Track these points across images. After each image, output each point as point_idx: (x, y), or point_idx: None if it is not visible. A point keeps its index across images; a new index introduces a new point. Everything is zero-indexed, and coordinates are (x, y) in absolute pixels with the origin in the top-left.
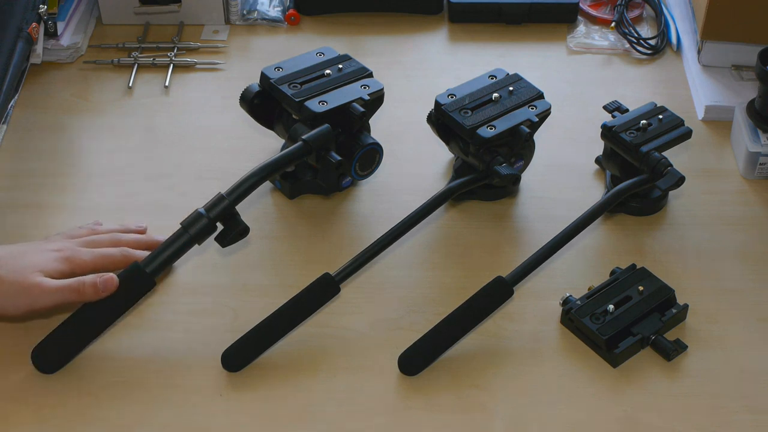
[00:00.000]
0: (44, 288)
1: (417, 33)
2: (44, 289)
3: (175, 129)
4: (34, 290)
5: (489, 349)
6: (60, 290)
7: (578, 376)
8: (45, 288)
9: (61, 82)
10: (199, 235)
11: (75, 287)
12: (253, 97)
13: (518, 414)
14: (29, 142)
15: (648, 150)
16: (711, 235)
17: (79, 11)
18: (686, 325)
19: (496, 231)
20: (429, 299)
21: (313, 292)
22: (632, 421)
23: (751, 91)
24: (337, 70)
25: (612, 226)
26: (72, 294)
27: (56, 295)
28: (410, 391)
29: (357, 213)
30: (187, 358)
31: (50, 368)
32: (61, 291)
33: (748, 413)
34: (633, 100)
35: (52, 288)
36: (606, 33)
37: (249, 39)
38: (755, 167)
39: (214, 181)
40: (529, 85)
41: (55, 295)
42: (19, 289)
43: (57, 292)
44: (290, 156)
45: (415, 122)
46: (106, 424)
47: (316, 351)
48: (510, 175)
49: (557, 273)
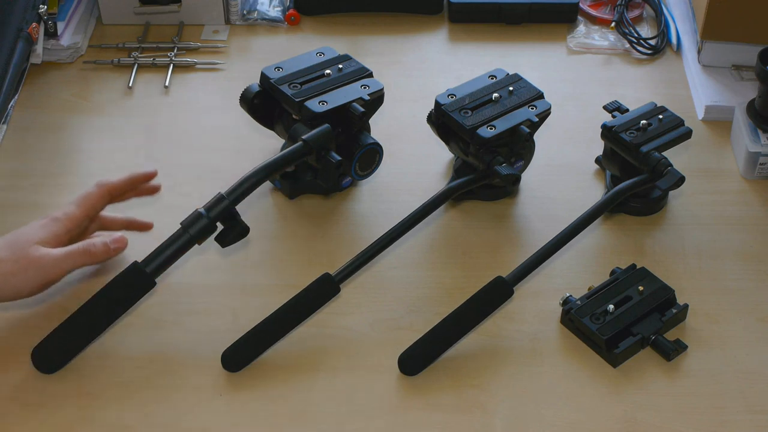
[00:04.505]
0: (53, 257)
1: (417, 33)
2: (53, 259)
3: (175, 129)
4: (43, 261)
5: (489, 349)
6: (70, 255)
7: (578, 376)
8: (54, 257)
9: (61, 82)
10: (199, 235)
11: (84, 249)
12: (253, 97)
13: (518, 414)
14: (29, 142)
15: (648, 150)
16: (711, 235)
17: (79, 11)
18: (686, 325)
19: (496, 231)
20: (429, 299)
21: (313, 292)
22: (632, 421)
23: (751, 91)
24: (337, 70)
25: (612, 226)
26: (83, 257)
27: (67, 261)
28: (410, 391)
29: (357, 213)
30: (187, 358)
31: (50, 368)
32: (71, 256)
33: (748, 413)
34: (633, 100)
35: (61, 256)
36: (606, 33)
37: (249, 39)
38: (755, 167)
39: (214, 181)
40: (529, 85)
41: (66, 262)
42: (27, 265)
43: (67, 257)
44: (290, 156)
45: (415, 122)
46: (106, 424)
47: (316, 351)
48: (510, 175)
49: (557, 273)
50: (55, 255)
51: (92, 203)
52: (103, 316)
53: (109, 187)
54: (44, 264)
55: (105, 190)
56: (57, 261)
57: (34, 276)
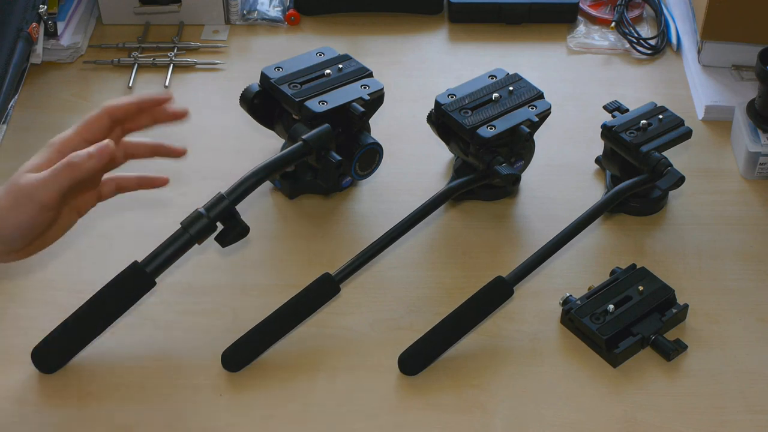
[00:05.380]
0: (38, 180)
1: (417, 33)
2: (38, 181)
3: (175, 129)
4: (30, 187)
5: (489, 349)
6: (53, 173)
7: (578, 376)
8: (39, 179)
9: (61, 82)
10: (199, 235)
11: (66, 162)
12: (253, 97)
13: (518, 414)
14: (29, 142)
15: (648, 150)
16: (711, 235)
17: (79, 11)
18: (686, 325)
19: (496, 231)
20: (429, 299)
21: (313, 292)
22: (632, 421)
23: (751, 91)
24: (337, 70)
25: (612, 226)
26: (67, 170)
27: (52, 180)
28: (410, 391)
29: (357, 213)
30: (187, 358)
31: (50, 368)
32: (55, 174)
33: (748, 413)
34: (633, 100)
35: (45, 176)
36: (606, 33)
37: (249, 39)
38: (755, 167)
39: (214, 181)
40: (529, 85)
41: (52, 181)
42: (17, 195)
43: (51, 177)
44: (290, 156)
45: (415, 122)
46: (106, 424)
47: (316, 351)
48: (510, 175)
49: (557, 273)
50: (39, 177)
51: (89, 124)
52: (103, 316)
53: (110, 108)
54: (31, 189)
55: (104, 111)
56: (43, 183)
57: (26, 204)
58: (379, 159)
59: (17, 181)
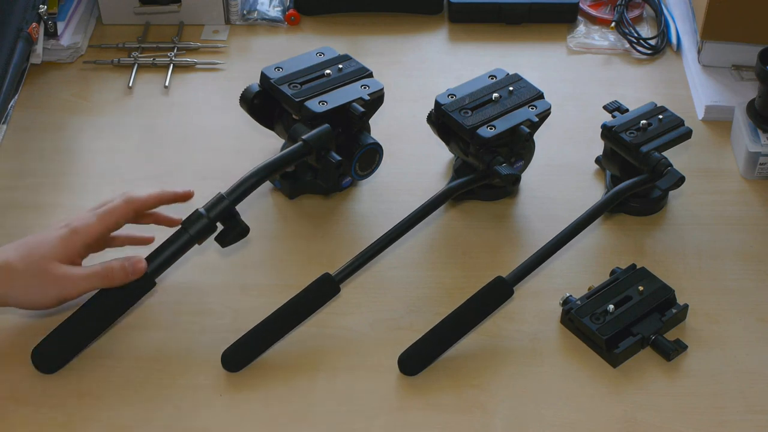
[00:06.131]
0: (72, 278)
1: (417, 33)
2: (72, 279)
3: (175, 129)
4: (62, 281)
5: (489, 349)
6: (88, 278)
7: (578, 376)
8: (73, 278)
9: (61, 82)
10: (199, 235)
11: (103, 274)
12: (253, 97)
13: (518, 414)
14: (29, 142)
15: (648, 150)
16: (711, 235)
17: (79, 11)
18: (686, 325)
19: (496, 231)
20: (429, 299)
21: (313, 292)
22: (632, 421)
23: (751, 91)
24: (337, 70)
25: (612, 226)
26: (101, 281)
27: (85, 283)
28: (410, 391)
29: (357, 213)
30: (187, 358)
31: (50, 368)
32: (89, 279)
33: (748, 413)
34: (633, 100)
35: (80, 276)
36: (606, 33)
37: (249, 39)
38: (755, 167)
39: (214, 181)
40: (529, 85)
41: (84, 284)
42: (46, 282)
43: (85, 280)
44: (290, 156)
45: (415, 122)
46: (106, 424)
47: (316, 351)
48: (510, 175)
49: (557, 273)
50: (75, 276)
51: (115, 219)
52: (102, 317)
53: (136, 205)
54: (64, 284)
55: (131, 207)
56: (77, 282)
57: (52, 292)
58: (379, 159)
59: (46, 267)
